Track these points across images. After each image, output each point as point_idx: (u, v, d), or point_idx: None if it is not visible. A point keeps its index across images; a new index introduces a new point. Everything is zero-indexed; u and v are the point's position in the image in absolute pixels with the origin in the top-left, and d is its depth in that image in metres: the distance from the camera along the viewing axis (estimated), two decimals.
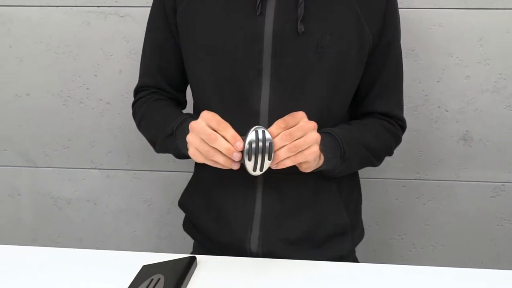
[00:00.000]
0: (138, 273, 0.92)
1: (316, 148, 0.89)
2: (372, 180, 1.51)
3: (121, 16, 1.43)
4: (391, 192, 1.52)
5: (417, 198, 1.51)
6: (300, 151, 0.87)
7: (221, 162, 0.87)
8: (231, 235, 1.05)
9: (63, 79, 1.50)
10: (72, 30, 1.46)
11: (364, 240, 1.55)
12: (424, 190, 1.50)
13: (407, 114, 1.41)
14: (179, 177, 1.55)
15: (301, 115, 0.89)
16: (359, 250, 1.54)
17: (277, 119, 0.97)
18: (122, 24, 1.44)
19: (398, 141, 1.15)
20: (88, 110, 1.52)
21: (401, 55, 1.11)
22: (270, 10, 0.97)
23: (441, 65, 1.39)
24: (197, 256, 0.97)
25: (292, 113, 0.88)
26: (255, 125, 0.87)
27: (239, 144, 0.85)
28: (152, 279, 0.89)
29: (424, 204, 1.51)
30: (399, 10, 1.33)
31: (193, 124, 0.89)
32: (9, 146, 1.58)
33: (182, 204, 1.15)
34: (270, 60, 0.98)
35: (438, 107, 1.42)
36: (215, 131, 0.86)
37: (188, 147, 0.91)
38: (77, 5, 1.43)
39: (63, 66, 1.49)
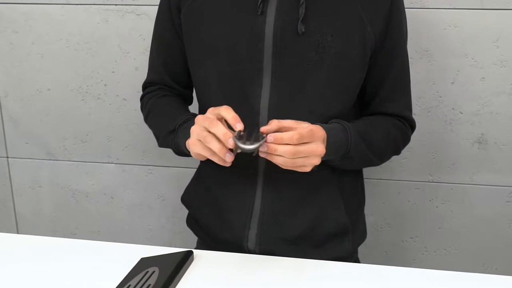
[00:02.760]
0: (136, 265, 0.95)
1: (308, 168, 0.90)
2: (384, 181, 1.50)
3: (138, 15, 1.47)
4: (403, 194, 1.50)
5: (430, 200, 1.49)
6: (295, 158, 0.88)
7: (216, 149, 0.87)
8: (229, 232, 1.07)
9: (82, 75, 1.55)
10: (91, 27, 1.50)
11: (375, 241, 1.55)
12: (437, 193, 1.48)
13: (420, 115, 1.41)
14: (193, 173, 1.57)
15: (318, 137, 0.89)
16: (370, 251, 1.54)
17: (276, 117, 0.98)
18: (139, 22, 1.47)
19: (407, 140, 1.15)
20: (106, 106, 1.56)
21: (407, 56, 1.10)
22: (271, 10, 0.98)
23: (455, 66, 1.37)
24: (194, 250, 0.99)
25: (313, 130, 0.89)
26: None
27: (230, 140, 0.86)
28: (147, 271, 0.91)
29: (437, 207, 1.49)
30: (413, 10, 1.33)
31: (199, 116, 0.92)
32: (31, 139, 1.64)
33: (184, 200, 1.17)
34: (270, 59, 0.98)
35: (453, 109, 1.40)
36: None
37: (190, 138, 0.94)
38: (96, 3, 1.47)
39: (82, 63, 1.53)
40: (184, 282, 0.91)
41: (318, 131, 0.90)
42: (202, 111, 1.10)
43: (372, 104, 1.10)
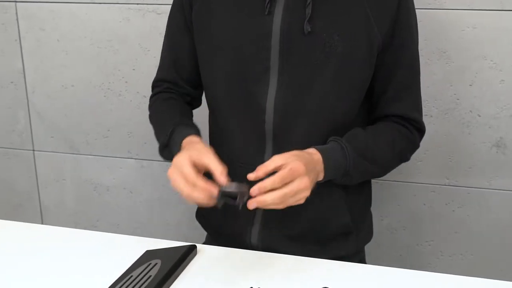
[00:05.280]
0: (140, 257, 0.97)
1: (302, 201, 0.91)
2: (399, 183, 1.48)
3: (158, 14, 1.50)
4: (419, 197, 1.49)
5: (446, 204, 1.47)
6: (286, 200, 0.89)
7: (201, 200, 0.88)
8: (233, 228, 1.09)
9: (104, 72, 1.59)
10: (113, 26, 1.54)
11: (390, 244, 1.54)
12: (454, 197, 1.46)
13: (437, 117, 1.40)
14: None
15: (299, 173, 0.88)
16: (384, 253, 1.53)
17: (282, 116, 1.00)
18: (159, 21, 1.50)
19: (415, 147, 1.13)
20: (126, 102, 1.60)
21: (418, 56, 1.09)
22: (279, 10, 0.99)
23: (474, 68, 1.35)
24: (198, 245, 1.01)
25: (292, 168, 0.88)
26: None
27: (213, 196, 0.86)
28: (150, 263, 0.94)
29: (453, 210, 1.47)
30: (431, 10, 1.33)
31: (175, 161, 0.91)
32: (56, 134, 1.70)
33: None
34: (277, 58, 1.00)
35: (470, 111, 1.38)
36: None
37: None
38: (119, 2, 1.52)
39: (104, 60, 1.58)
40: (184, 275, 0.93)
41: (298, 167, 0.88)
42: (211, 111, 1.13)
43: (380, 104, 1.09)
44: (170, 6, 1.46)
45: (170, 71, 1.15)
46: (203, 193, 0.86)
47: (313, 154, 0.96)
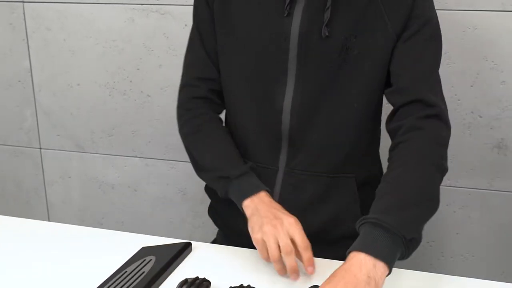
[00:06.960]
0: (136, 253, 0.99)
1: None
2: None
3: (162, 14, 1.52)
4: None
5: (447, 205, 1.47)
6: None
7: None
8: (246, 225, 1.09)
9: (109, 71, 1.61)
10: (118, 26, 1.56)
11: None
12: (455, 198, 1.46)
13: None
14: None
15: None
16: None
17: (299, 117, 1.02)
18: (163, 21, 1.52)
19: (445, 147, 1.06)
20: (131, 102, 1.62)
21: (435, 41, 1.05)
22: (298, 12, 1.00)
23: (475, 69, 1.34)
24: (193, 242, 1.03)
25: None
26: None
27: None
28: (145, 260, 0.95)
29: (454, 211, 1.47)
30: None
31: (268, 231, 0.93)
32: (62, 132, 1.72)
33: (207, 189, 1.20)
34: (295, 60, 1.00)
35: (471, 112, 1.38)
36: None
37: (253, 229, 0.96)
38: (123, 3, 1.54)
39: (109, 60, 1.60)
40: (178, 272, 0.95)
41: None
42: (227, 107, 1.12)
43: (395, 94, 1.03)
44: (174, 6, 1.50)
45: (207, 66, 1.09)
46: (283, 270, 0.92)
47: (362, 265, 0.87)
